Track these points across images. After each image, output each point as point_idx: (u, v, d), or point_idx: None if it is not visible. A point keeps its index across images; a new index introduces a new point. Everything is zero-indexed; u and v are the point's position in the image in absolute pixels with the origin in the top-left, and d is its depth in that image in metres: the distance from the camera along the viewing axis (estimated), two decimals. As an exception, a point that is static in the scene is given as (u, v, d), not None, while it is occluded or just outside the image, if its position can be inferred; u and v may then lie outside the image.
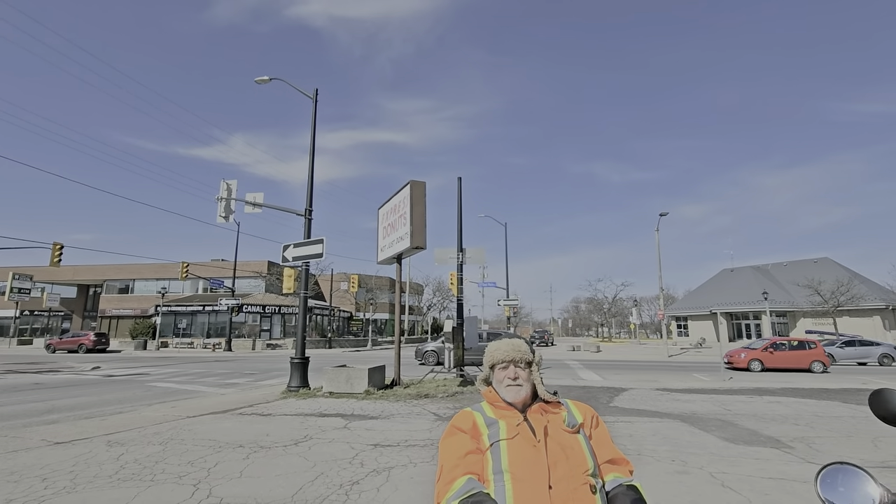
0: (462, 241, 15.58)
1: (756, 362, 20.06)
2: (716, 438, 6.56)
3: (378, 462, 5.30)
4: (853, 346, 23.83)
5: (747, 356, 20.38)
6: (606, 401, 10.26)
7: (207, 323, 42.45)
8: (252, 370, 19.34)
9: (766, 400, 10.28)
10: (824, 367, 19.59)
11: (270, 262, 48.39)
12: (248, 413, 8.63)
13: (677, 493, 4.30)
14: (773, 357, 20.03)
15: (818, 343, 20.92)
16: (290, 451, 5.75)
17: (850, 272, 41.99)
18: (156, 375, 17.17)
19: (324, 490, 4.35)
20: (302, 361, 11.76)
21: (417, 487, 4.43)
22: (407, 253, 12.04)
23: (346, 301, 54.91)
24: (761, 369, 19.83)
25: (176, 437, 6.50)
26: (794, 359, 19.55)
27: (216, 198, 13.04)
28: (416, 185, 11.46)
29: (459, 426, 1.50)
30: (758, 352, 20.47)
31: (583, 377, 16.18)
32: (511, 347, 1.61)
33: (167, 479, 4.66)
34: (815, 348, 20.14)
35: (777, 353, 20.06)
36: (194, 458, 5.39)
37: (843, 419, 7.94)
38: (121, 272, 51.19)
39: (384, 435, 6.73)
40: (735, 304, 44.79)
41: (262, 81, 13.98)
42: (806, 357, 19.76)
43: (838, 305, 34.10)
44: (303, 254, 12.09)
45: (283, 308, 42.60)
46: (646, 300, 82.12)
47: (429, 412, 8.71)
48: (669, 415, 8.45)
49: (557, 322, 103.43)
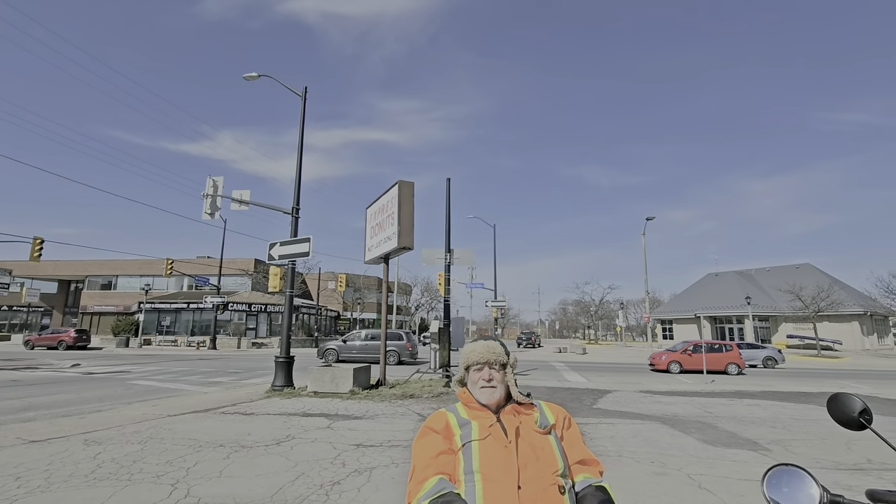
0: (450, 242, 15.59)
1: (675, 364, 20.50)
2: (695, 440, 6.65)
3: (360, 462, 5.29)
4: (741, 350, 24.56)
5: (667, 358, 20.83)
6: (590, 402, 10.35)
7: (192, 321, 41.86)
8: (236, 369, 19.14)
9: (746, 403, 10.46)
10: (739, 369, 20.15)
11: (257, 259, 47.88)
12: (231, 412, 8.55)
13: (655, 494, 4.36)
14: (691, 359, 20.45)
15: (735, 346, 21.41)
16: (271, 451, 5.71)
17: (830, 278, 42.86)
18: (137, 373, 16.90)
19: (304, 490, 4.33)
20: (287, 360, 11.67)
21: (399, 488, 4.43)
22: (394, 253, 12.02)
23: (333, 300, 54.59)
24: (680, 371, 20.25)
25: (155, 436, 6.41)
26: (711, 361, 19.97)
27: (202, 194, 12.89)
28: (405, 185, 11.45)
29: (432, 427, 1.52)
30: (677, 354, 20.94)
31: (568, 379, 16.30)
32: (486, 349, 1.63)
33: (145, 478, 4.60)
34: (732, 351, 20.68)
35: (695, 356, 20.45)
36: (173, 458, 5.32)
37: (819, 422, 8.11)
38: (103, 268, 50.26)
39: (367, 435, 6.71)
40: (719, 309, 45.45)
41: (251, 78, 13.85)
42: (722, 359, 20.26)
43: (819, 311, 34.77)
44: (289, 252, 12.01)
45: (270, 306, 42.22)
46: (632, 303, 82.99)
47: (413, 412, 8.70)
48: (651, 417, 8.55)
49: (545, 324, 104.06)
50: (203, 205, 12.94)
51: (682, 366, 20.40)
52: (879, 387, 14.47)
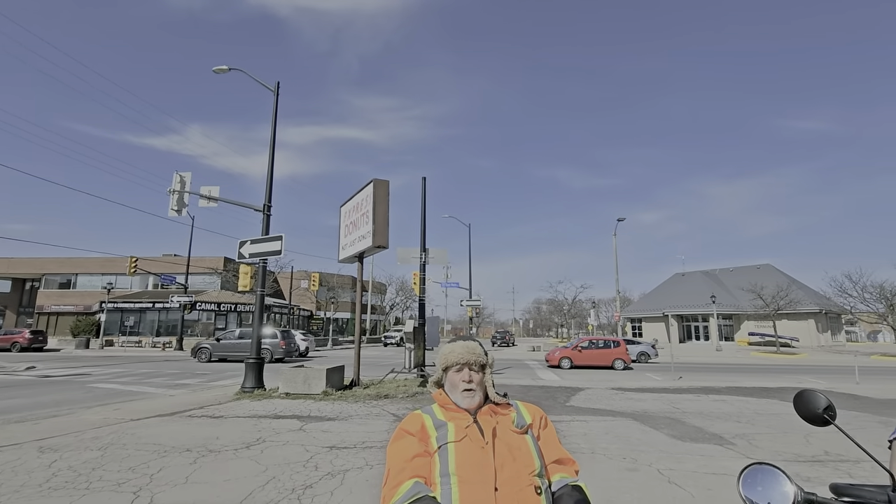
0: (425, 241, 15.54)
1: (566, 360, 21.31)
2: (664, 436, 6.82)
3: (333, 465, 5.20)
4: None
5: (559, 354, 21.66)
6: (564, 400, 10.49)
7: (157, 321, 40.40)
8: (204, 370, 18.57)
9: (712, 398, 10.81)
10: (625, 364, 21.05)
11: (227, 258, 46.62)
12: (198, 415, 8.28)
13: (627, 489, 4.44)
14: (580, 355, 21.31)
15: (622, 343, 22.32)
16: (241, 455, 5.55)
17: (789, 278, 44.85)
18: (98, 376, 16.20)
19: (275, 495, 4.22)
20: (257, 361, 11.39)
21: (372, 490, 4.37)
22: (369, 252, 11.89)
23: (306, 299, 53.67)
24: (570, 366, 21.06)
25: (117, 442, 6.14)
26: (599, 357, 20.91)
27: (168, 190, 12.46)
28: (380, 183, 11.34)
29: (407, 429, 1.48)
30: (568, 350, 21.79)
31: (542, 377, 16.49)
32: (466, 350, 1.60)
33: (104, 486, 4.39)
34: (619, 347, 21.58)
35: (584, 352, 21.39)
36: (136, 464, 5.11)
37: (780, 416, 8.45)
38: (62, 266, 47.95)
39: (341, 437, 6.60)
40: (685, 307, 46.94)
41: (221, 71, 13.45)
42: (609, 355, 21.16)
43: (778, 309, 36.31)
44: (260, 250, 11.72)
45: (240, 306, 41.17)
46: (603, 302, 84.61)
47: (388, 413, 8.63)
48: (622, 413, 8.73)
49: (519, 323, 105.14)
50: (169, 201, 12.50)
51: (572, 362, 21.18)
52: (833, 381, 15.20)
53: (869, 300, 33.28)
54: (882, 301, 32.47)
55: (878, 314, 33.50)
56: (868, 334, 70.37)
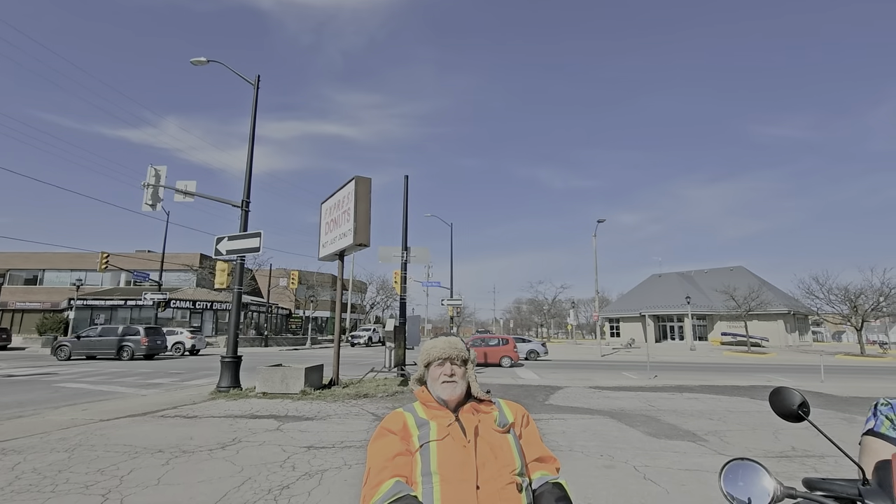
0: (407, 240, 15.49)
1: None
2: (640, 433, 6.95)
3: (311, 465, 5.13)
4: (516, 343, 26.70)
5: None
6: (542, 399, 10.59)
7: (129, 318, 39.20)
8: (178, 369, 18.13)
9: (686, 396, 11.06)
10: (512, 361, 21.69)
11: (203, 254, 45.64)
12: (171, 415, 8.07)
13: (604, 486, 4.51)
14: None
15: (511, 340, 23.00)
16: (215, 456, 5.43)
17: (760, 280, 46.30)
18: (65, 375, 15.64)
19: (251, 496, 4.14)
20: (234, 360, 11.18)
21: (351, 490, 4.33)
22: (350, 250, 11.79)
23: (285, 298, 52.90)
24: None
25: (85, 443, 5.94)
26: (489, 354, 21.56)
27: (142, 184, 12.11)
28: (362, 181, 11.25)
29: (389, 428, 1.47)
30: None
31: (521, 376, 16.61)
32: (448, 345, 1.60)
33: (71, 489, 4.24)
34: (507, 345, 22.25)
35: (476, 349, 21.82)
36: (105, 466, 4.95)
37: (750, 414, 8.69)
38: (28, 261, 46.19)
39: (319, 436, 6.53)
40: (661, 308, 47.97)
41: (199, 63, 13.13)
42: (498, 353, 21.81)
43: (749, 310, 37.39)
44: (238, 247, 11.50)
45: (216, 304, 40.35)
46: (583, 302, 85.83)
47: (367, 412, 8.57)
48: (600, 411, 8.86)
49: (500, 322, 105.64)
50: (144, 195, 12.16)
51: None
52: (800, 380, 15.73)
53: (834, 302, 34.53)
54: (846, 303, 33.73)
55: (842, 315, 34.78)
56: (833, 335, 73.08)
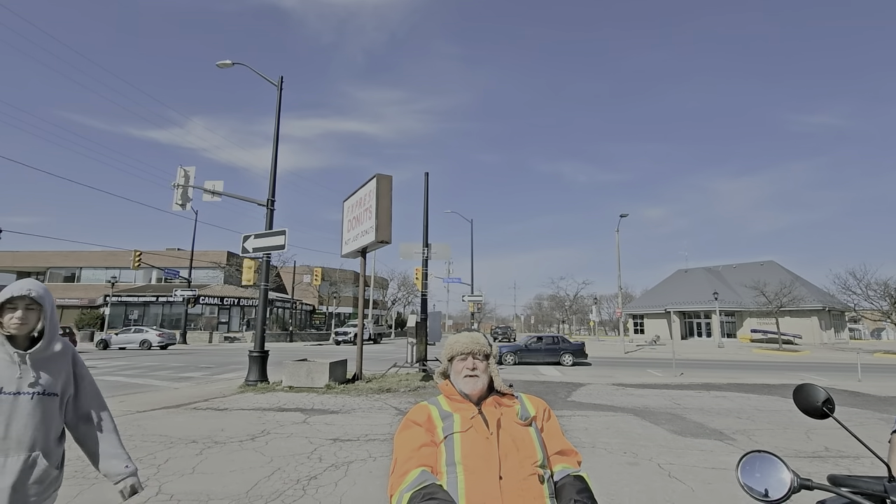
0: (428, 237, 15.57)
1: None
2: (665, 431, 6.86)
3: (337, 456, 5.26)
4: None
5: None
6: (565, 395, 10.54)
7: (161, 314, 40.65)
8: (208, 364, 18.72)
9: (713, 395, 10.84)
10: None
11: (230, 252, 46.78)
12: (203, 408, 8.37)
13: (627, 483, 4.49)
14: None
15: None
16: (246, 447, 5.62)
17: (792, 275, 44.69)
18: (103, 368, 16.35)
19: (280, 485, 4.28)
20: (261, 355, 11.48)
21: (375, 481, 4.43)
22: (372, 247, 11.93)
23: (308, 294, 53.87)
24: None
25: (123, 434, 6.15)
26: None
27: (172, 185, 12.51)
28: (383, 178, 11.36)
29: (415, 419, 1.52)
30: None
31: (543, 373, 16.55)
32: (470, 340, 1.65)
33: (113, 476, 4.46)
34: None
35: None
36: (143, 455, 5.18)
37: (781, 412, 8.47)
38: (66, 259, 48.26)
39: (344, 429, 6.67)
40: (688, 304, 46.88)
41: (225, 65, 13.46)
42: None
43: (781, 306, 36.20)
44: (264, 245, 11.78)
45: (243, 300, 41.38)
46: (605, 298, 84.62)
47: (390, 406, 8.70)
48: (623, 409, 8.78)
49: (520, 318, 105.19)
50: (173, 195, 12.56)
51: None
52: (835, 379, 15.20)
53: (873, 297, 33.09)
54: (886, 298, 32.30)
55: (882, 312, 33.32)
56: (872, 332, 70.13)
